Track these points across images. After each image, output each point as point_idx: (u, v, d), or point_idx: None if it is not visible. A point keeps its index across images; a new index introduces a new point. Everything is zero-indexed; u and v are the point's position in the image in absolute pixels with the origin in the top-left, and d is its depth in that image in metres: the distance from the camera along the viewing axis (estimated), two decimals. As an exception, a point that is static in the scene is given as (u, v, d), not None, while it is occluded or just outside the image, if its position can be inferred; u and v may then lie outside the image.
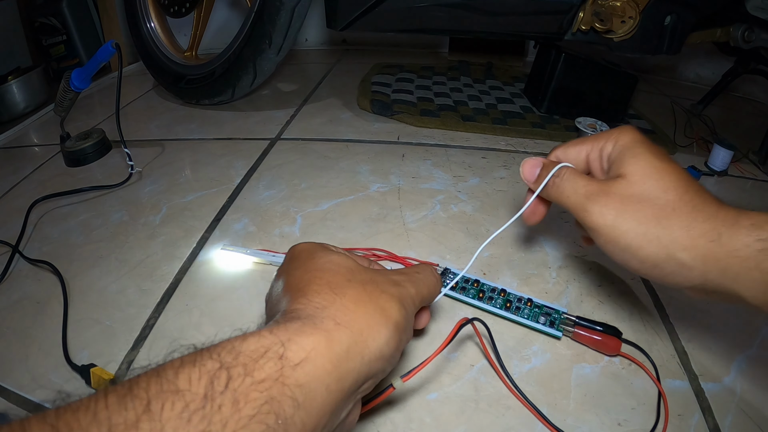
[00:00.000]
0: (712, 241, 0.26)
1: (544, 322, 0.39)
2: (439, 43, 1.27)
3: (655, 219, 0.28)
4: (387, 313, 0.24)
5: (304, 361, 0.20)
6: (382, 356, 0.23)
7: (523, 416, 0.33)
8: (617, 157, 0.31)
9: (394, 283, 0.27)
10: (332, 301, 0.24)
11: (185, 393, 0.17)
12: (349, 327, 0.23)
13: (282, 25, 0.72)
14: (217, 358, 0.19)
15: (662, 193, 0.28)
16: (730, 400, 0.34)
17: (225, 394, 0.17)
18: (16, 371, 0.36)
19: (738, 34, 0.72)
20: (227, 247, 0.48)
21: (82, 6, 1.11)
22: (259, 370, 0.19)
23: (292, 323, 0.22)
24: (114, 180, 0.61)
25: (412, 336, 0.28)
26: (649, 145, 0.31)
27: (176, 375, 0.18)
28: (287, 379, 0.19)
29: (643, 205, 0.28)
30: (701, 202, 0.28)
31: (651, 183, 0.29)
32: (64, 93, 0.64)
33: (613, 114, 0.79)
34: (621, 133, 0.32)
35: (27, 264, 0.48)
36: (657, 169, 0.29)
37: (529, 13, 0.66)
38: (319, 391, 0.20)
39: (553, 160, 0.35)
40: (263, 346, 0.20)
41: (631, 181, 0.29)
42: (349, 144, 0.71)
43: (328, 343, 0.21)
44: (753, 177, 0.67)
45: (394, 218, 0.53)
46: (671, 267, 0.27)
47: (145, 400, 0.16)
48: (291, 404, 0.19)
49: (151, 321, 0.40)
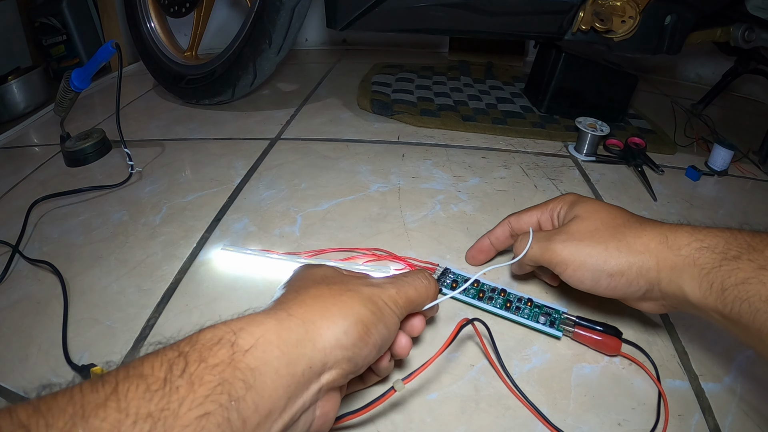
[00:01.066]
0: (661, 243, 0.31)
1: (544, 322, 0.39)
2: (439, 43, 1.27)
3: (611, 236, 0.33)
4: (347, 305, 0.26)
5: (253, 347, 0.22)
6: (340, 345, 0.24)
7: (523, 416, 0.33)
8: (567, 210, 0.38)
9: (369, 284, 0.29)
10: (292, 298, 0.26)
11: (148, 377, 0.19)
12: (301, 317, 0.24)
13: (282, 25, 0.72)
14: (177, 348, 0.21)
15: (611, 219, 0.34)
16: (730, 401, 0.34)
17: (182, 377, 0.20)
18: (16, 371, 0.36)
19: (738, 34, 0.72)
20: (227, 247, 0.48)
21: (82, 6, 1.11)
22: (213, 356, 0.21)
23: (248, 315, 0.24)
24: (114, 180, 0.61)
25: (393, 334, 0.28)
26: (592, 198, 0.39)
27: (141, 363, 0.20)
28: (238, 363, 0.21)
29: (598, 229, 0.34)
30: (646, 220, 0.34)
31: (600, 214, 0.35)
32: (64, 93, 0.64)
33: (613, 114, 0.79)
34: (566, 195, 0.39)
35: (27, 264, 0.48)
36: (603, 206, 0.36)
37: (529, 13, 0.66)
38: (268, 374, 0.22)
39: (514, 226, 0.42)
40: (216, 335, 0.22)
41: (582, 217, 0.35)
42: (349, 144, 0.71)
43: (278, 330, 0.23)
44: (753, 177, 0.67)
45: (394, 218, 0.53)
46: (635, 271, 0.32)
47: (113, 383, 0.19)
48: (242, 386, 0.20)
49: (151, 321, 0.40)
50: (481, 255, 0.45)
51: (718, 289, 0.28)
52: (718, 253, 0.29)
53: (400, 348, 0.30)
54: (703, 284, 0.28)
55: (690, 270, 0.29)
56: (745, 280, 0.26)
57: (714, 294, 0.28)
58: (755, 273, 0.26)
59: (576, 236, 0.34)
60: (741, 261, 0.27)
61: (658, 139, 0.74)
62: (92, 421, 0.17)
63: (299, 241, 0.50)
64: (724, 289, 0.27)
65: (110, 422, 0.17)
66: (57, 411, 0.17)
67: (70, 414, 0.17)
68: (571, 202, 0.38)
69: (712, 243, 0.29)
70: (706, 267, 0.29)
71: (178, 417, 0.18)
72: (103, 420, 0.17)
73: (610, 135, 0.68)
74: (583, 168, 0.66)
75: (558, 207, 0.39)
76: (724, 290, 0.27)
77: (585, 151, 0.68)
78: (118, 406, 0.18)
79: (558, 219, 0.39)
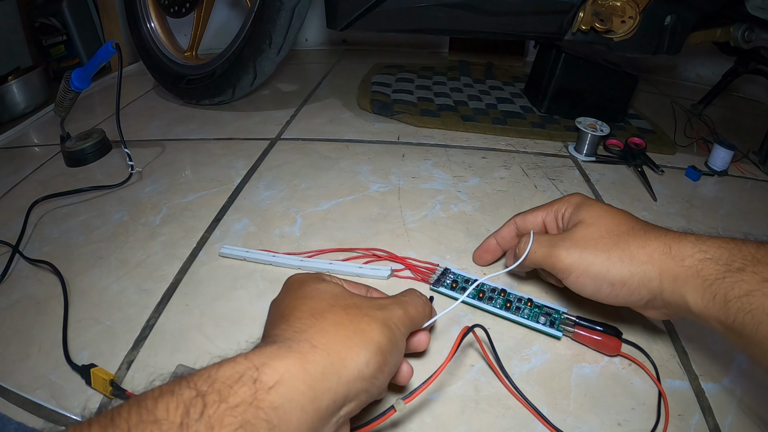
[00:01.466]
0: (665, 253, 0.31)
1: (544, 323, 0.39)
2: (439, 43, 1.27)
3: (615, 245, 0.33)
4: (367, 334, 0.25)
5: (278, 383, 0.21)
6: (362, 376, 0.24)
7: (523, 416, 0.33)
8: (572, 213, 0.38)
9: (379, 306, 0.28)
10: (311, 325, 0.25)
11: (162, 422, 0.18)
12: (326, 349, 0.23)
13: (282, 25, 0.72)
14: (194, 386, 0.19)
15: (616, 226, 0.34)
16: (730, 401, 0.34)
17: (200, 421, 0.18)
18: (17, 371, 0.36)
19: (738, 34, 0.72)
20: (225, 254, 0.47)
21: (82, 6, 1.11)
22: (233, 395, 0.19)
23: (268, 347, 0.22)
24: (114, 180, 0.61)
25: (402, 357, 0.28)
26: (597, 201, 0.38)
27: (155, 404, 0.18)
28: (261, 402, 0.20)
29: (602, 237, 0.34)
30: (651, 228, 0.34)
31: (605, 221, 0.35)
32: (64, 93, 0.64)
33: (613, 114, 0.79)
34: (572, 196, 0.39)
35: (27, 264, 0.48)
36: (607, 211, 0.36)
37: (529, 13, 0.66)
38: (294, 412, 0.20)
39: (519, 226, 0.42)
40: (237, 372, 0.20)
41: (587, 223, 0.35)
42: (350, 144, 0.71)
43: (303, 364, 0.22)
44: (753, 177, 0.67)
45: (394, 218, 0.53)
46: (636, 281, 0.32)
47: (125, 430, 0.17)
48: (265, 427, 0.19)
49: (151, 321, 0.40)
50: (487, 255, 0.45)
51: (721, 300, 0.28)
52: (722, 265, 0.29)
53: (402, 377, 0.30)
54: (706, 295, 0.28)
55: (693, 281, 0.29)
56: (748, 293, 0.26)
57: (717, 305, 0.28)
58: (759, 285, 0.26)
59: (580, 243, 0.34)
60: (745, 273, 0.27)
61: (658, 139, 0.74)
62: None
63: (299, 241, 0.50)
64: (727, 300, 0.27)
65: None
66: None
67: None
68: (577, 204, 0.38)
69: (716, 254, 0.29)
70: (710, 278, 0.28)
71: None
72: None
73: (610, 135, 0.68)
74: (583, 168, 0.66)
75: (563, 208, 0.39)
76: (727, 302, 0.27)
77: (585, 151, 0.68)
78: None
79: (563, 221, 0.39)
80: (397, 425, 0.32)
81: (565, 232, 0.36)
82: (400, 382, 0.31)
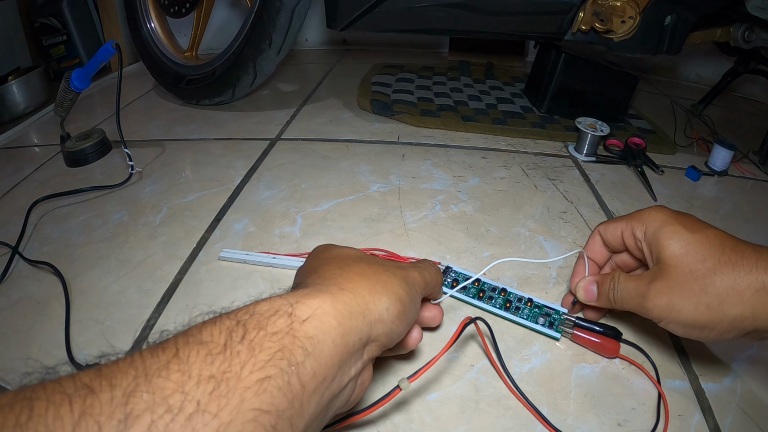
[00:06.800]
0: (758, 290, 0.29)
1: (543, 323, 0.39)
2: (439, 43, 1.27)
3: (701, 289, 0.31)
4: (388, 285, 0.28)
5: (311, 317, 0.23)
6: (383, 320, 0.26)
7: (523, 416, 0.33)
8: (652, 239, 0.35)
9: (398, 266, 0.31)
10: (339, 274, 0.27)
11: (208, 343, 0.20)
12: (352, 291, 0.26)
13: (282, 25, 0.72)
14: (234, 317, 0.22)
15: (701, 264, 0.31)
16: (730, 401, 0.34)
17: (242, 343, 0.20)
18: (17, 371, 0.36)
19: (738, 34, 0.72)
20: (224, 257, 0.47)
21: (82, 6, 1.11)
22: (271, 325, 0.22)
23: (300, 290, 0.25)
24: (114, 180, 0.61)
25: (418, 313, 0.31)
26: (678, 221, 0.34)
27: (200, 331, 0.21)
28: (297, 332, 0.22)
29: (688, 282, 0.31)
30: (739, 258, 0.31)
31: (689, 258, 0.32)
32: (64, 93, 0.64)
33: (613, 114, 0.79)
34: (650, 215, 0.35)
35: (27, 264, 0.48)
36: (690, 243, 0.32)
37: (529, 13, 0.66)
38: (326, 343, 0.22)
39: (605, 273, 0.38)
40: (273, 307, 0.23)
41: (670, 264, 0.33)
42: (350, 144, 0.71)
43: (333, 303, 0.24)
44: (753, 177, 0.67)
45: (394, 218, 0.53)
46: (726, 324, 0.30)
47: (174, 349, 0.19)
48: (301, 352, 0.21)
49: (151, 321, 0.40)
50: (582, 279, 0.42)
51: None
52: None
53: (412, 340, 0.32)
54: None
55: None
56: None
57: None
58: None
59: (666, 292, 0.32)
60: None
61: (658, 140, 0.74)
62: (155, 381, 0.18)
63: (299, 242, 0.50)
64: None
65: (174, 381, 0.18)
66: (119, 373, 0.18)
67: (132, 375, 0.18)
68: (660, 224, 0.34)
69: None
70: None
71: (240, 379, 0.19)
72: (166, 379, 0.18)
73: (610, 135, 0.68)
74: (583, 168, 0.66)
75: (643, 227, 0.36)
76: None
77: (585, 152, 0.68)
78: (180, 368, 0.18)
79: (643, 240, 0.36)
80: (397, 425, 0.32)
81: (650, 277, 0.34)
82: (410, 346, 0.32)
